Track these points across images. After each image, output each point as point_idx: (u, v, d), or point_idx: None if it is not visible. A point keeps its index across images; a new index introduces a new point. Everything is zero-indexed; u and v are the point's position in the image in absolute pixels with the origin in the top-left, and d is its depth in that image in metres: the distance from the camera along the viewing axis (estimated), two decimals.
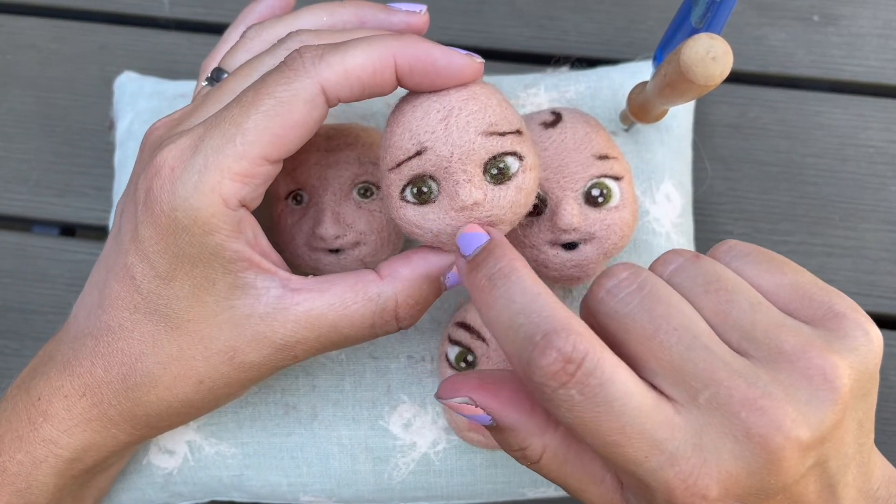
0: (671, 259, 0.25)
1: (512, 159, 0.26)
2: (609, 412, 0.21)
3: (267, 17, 0.33)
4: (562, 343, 0.21)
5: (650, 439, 0.21)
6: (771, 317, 0.23)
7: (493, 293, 0.23)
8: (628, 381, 0.22)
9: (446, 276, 0.28)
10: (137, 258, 0.26)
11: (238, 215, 0.25)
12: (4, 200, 0.45)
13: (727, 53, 0.25)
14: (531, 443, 0.25)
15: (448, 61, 0.26)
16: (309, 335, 0.27)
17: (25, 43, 0.47)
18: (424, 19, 0.30)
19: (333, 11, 0.30)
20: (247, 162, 0.25)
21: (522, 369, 0.22)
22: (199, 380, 0.27)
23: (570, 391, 0.21)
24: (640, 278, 0.23)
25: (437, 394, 0.26)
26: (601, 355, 0.21)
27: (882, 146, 0.44)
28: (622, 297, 0.23)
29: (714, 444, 0.21)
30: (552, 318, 0.22)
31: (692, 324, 0.23)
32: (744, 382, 0.21)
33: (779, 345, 0.22)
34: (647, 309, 0.23)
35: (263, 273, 0.26)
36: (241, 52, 0.30)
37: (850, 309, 0.23)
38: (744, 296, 0.23)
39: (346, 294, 0.27)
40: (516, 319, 0.22)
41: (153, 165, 0.25)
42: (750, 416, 0.21)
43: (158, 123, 0.29)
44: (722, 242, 0.26)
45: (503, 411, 0.25)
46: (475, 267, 0.24)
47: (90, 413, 0.28)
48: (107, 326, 0.27)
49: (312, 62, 0.25)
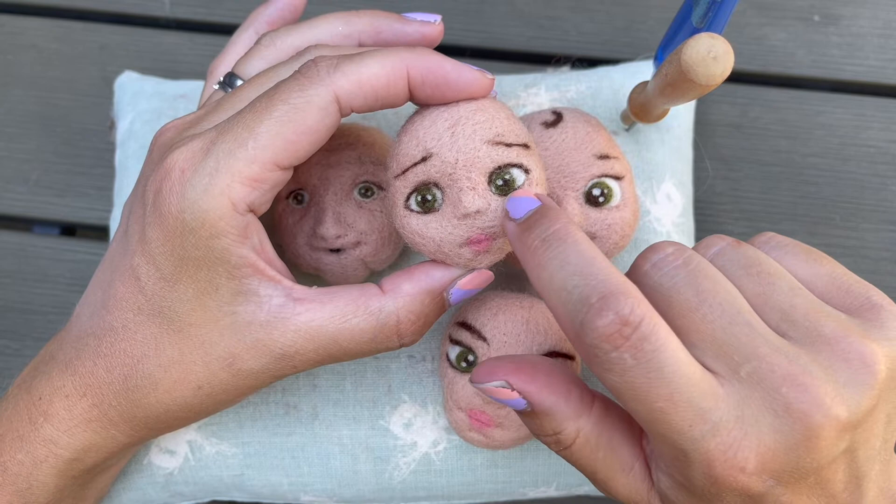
0: (713, 242, 0.25)
1: (518, 171, 0.26)
2: (660, 378, 0.21)
3: (277, 22, 0.33)
4: (620, 306, 0.21)
5: (696, 408, 0.22)
6: (810, 302, 0.23)
7: (547, 254, 0.23)
8: (679, 350, 0.22)
9: (450, 293, 0.28)
10: (143, 259, 0.26)
11: (246, 220, 0.25)
12: (4, 200, 0.45)
13: (728, 53, 0.25)
14: (565, 427, 0.25)
15: (459, 75, 0.26)
16: (308, 346, 0.27)
17: (26, 43, 0.47)
18: (439, 29, 0.30)
19: (349, 21, 0.30)
20: (258, 166, 0.25)
21: (575, 331, 0.22)
22: (198, 385, 0.27)
23: (624, 354, 0.21)
24: (685, 254, 0.24)
25: (472, 378, 0.26)
26: (657, 321, 0.22)
27: (883, 146, 0.44)
28: (667, 270, 0.23)
29: (755, 418, 0.22)
30: (608, 281, 0.22)
31: (735, 300, 0.23)
32: (785, 359, 0.22)
33: (818, 328, 0.23)
34: (693, 283, 0.23)
35: (267, 280, 0.26)
36: (256, 60, 0.30)
37: (887, 302, 0.24)
38: (784, 280, 0.24)
39: (348, 307, 0.27)
40: (571, 281, 0.22)
41: (163, 167, 0.25)
42: (791, 392, 0.21)
43: (169, 125, 0.29)
44: (761, 234, 0.26)
45: (540, 395, 0.25)
46: (528, 228, 0.24)
47: (90, 413, 0.28)
48: (110, 327, 0.27)
49: (328, 70, 0.25)
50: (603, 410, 0.25)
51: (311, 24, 0.30)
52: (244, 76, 0.30)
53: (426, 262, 0.28)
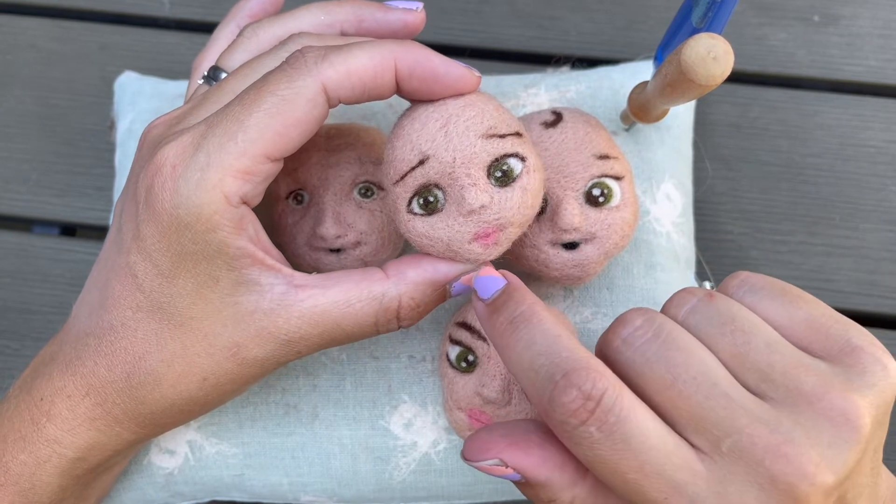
0: (685, 300, 0.25)
1: (515, 161, 0.26)
2: (627, 450, 0.22)
3: (258, 15, 0.33)
4: (581, 381, 0.22)
5: (670, 481, 0.22)
6: (788, 356, 0.23)
7: (515, 336, 0.24)
8: (647, 420, 0.22)
9: (452, 285, 0.28)
10: (139, 257, 0.26)
11: (240, 212, 0.25)
12: (4, 200, 0.45)
13: (728, 53, 0.25)
14: (560, 496, 0.25)
15: (447, 69, 0.26)
16: (312, 331, 0.27)
17: (25, 43, 0.47)
18: (421, 17, 0.30)
19: (331, 10, 0.30)
20: (248, 159, 0.25)
21: (544, 408, 0.23)
22: (203, 377, 0.27)
23: (590, 428, 0.22)
24: (654, 325, 0.24)
25: (464, 454, 0.26)
26: (619, 392, 0.22)
27: (882, 146, 0.44)
28: (638, 346, 0.23)
29: (739, 493, 0.21)
30: (571, 358, 0.22)
31: (710, 371, 0.23)
32: (766, 429, 0.21)
33: (798, 386, 0.22)
34: (665, 358, 0.23)
35: (267, 269, 0.26)
36: (239, 52, 0.30)
37: (867, 342, 0.23)
38: (760, 336, 0.23)
39: (351, 291, 0.27)
40: (537, 360, 0.23)
41: (154, 163, 0.25)
42: (774, 465, 0.21)
43: (156, 122, 0.29)
44: (733, 276, 0.26)
45: (535, 470, 0.24)
46: (495, 310, 0.25)
47: (94, 412, 0.28)
48: (109, 325, 0.27)
49: (315, 61, 0.25)
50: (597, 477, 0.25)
51: (292, 14, 0.30)
52: (228, 69, 0.30)
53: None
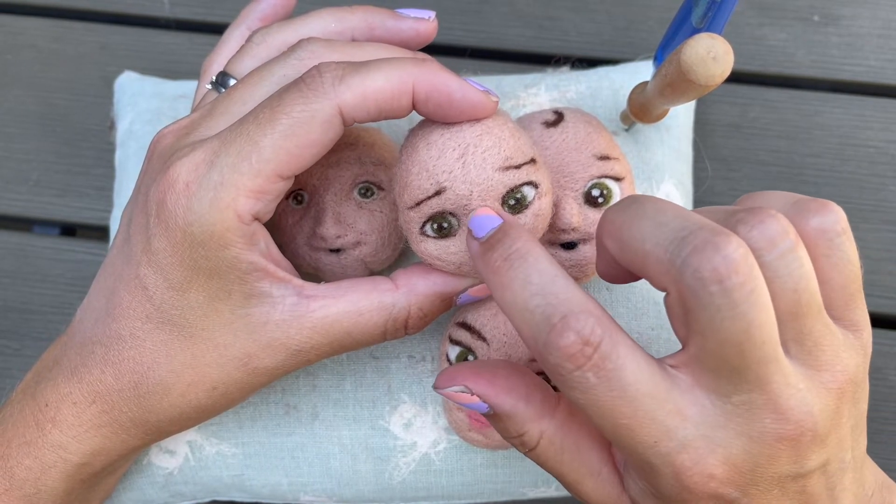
0: (777, 241, 0.22)
1: (528, 188, 0.27)
2: (622, 396, 0.21)
3: (270, 17, 0.33)
4: (580, 325, 0.21)
5: (661, 425, 0.22)
6: (824, 325, 0.23)
7: (510, 274, 0.23)
8: (643, 367, 0.22)
9: (459, 296, 0.29)
10: (150, 269, 0.26)
11: (252, 229, 0.26)
12: (4, 200, 0.45)
13: (728, 53, 0.25)
14: (528, 429, 0.25)
15: (463, 95, 0.26)
16: (323, 341, 0.27)
17: (25, 43, 0.47)
18: (433, 26, 0.30)
19: (342, 17, 0.30)
20: (262, 179, 0.25)
21: (538, 350, 0.22)
22: (212, 386, 0.27)
23: (587, 374, 0.21)
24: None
25: (435, 384, 0.26)
26: (618, 339, 0.22)
27: (882, 146, 0.44)
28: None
29: (727, 439, 0.22)
30: (570, 300, 0.22)
31: (772, 337, 0.21)
32: (789, 390, 0.22)
33: (818, 356, 0.22)
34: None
35: (278, 282, 0.27)
36: (248, 58, 0.30)
37: (864, 320, 0.24)
38: (815, 303, 0.22)
39: (361, 302, 0.27)
40: (533, 301, 0.22)
41: (166, 178, 0.25)
42: (774, 424, 0.22)
43: (166, 131, 0.29)
44: (823, 216, 0.23)
45: (498, 398, 0.25)
46: (490, 248, 0.24)
47: (100, 419, 0.28)
48: (117, 335, 0.27)
49: (332, 83, 0.25)
50: (568, 414, 0.25)
51: (302, 20, 0.30)
52: (237, 75, 0.30)
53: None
